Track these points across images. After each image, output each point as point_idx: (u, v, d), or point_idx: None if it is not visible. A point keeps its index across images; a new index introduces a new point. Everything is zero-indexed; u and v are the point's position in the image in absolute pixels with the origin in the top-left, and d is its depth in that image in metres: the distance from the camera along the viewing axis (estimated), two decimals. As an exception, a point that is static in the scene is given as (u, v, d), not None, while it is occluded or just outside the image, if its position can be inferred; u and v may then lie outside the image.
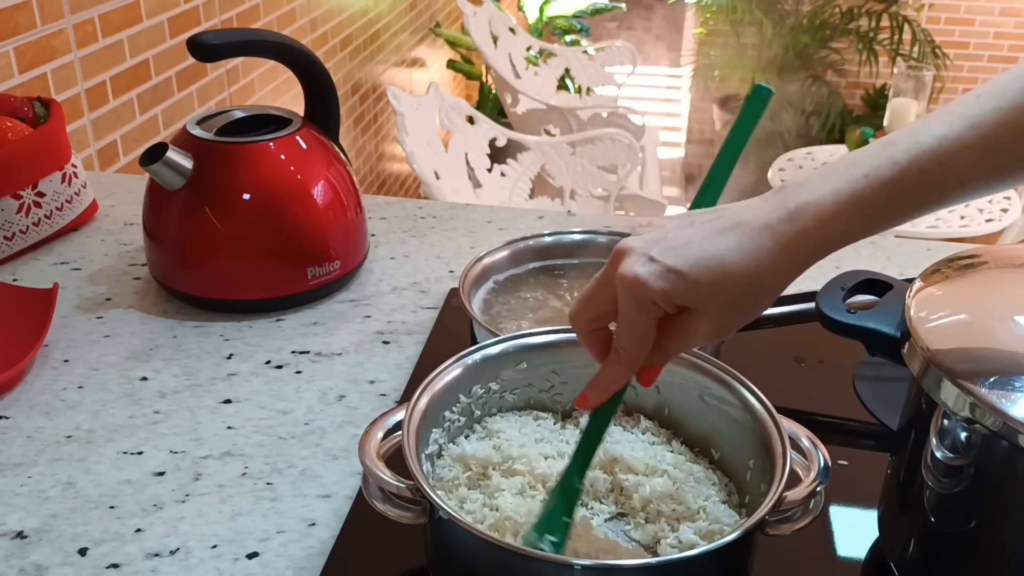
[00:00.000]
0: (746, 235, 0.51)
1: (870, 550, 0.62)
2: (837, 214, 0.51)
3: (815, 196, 0.51)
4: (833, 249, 0.52)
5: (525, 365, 0.62)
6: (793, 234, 0.51)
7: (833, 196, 0.51)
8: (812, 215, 0.51)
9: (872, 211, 0.51)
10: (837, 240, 0.51)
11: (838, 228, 0.51)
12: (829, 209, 0.51)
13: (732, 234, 0.51)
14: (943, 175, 0.50)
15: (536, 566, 0.48)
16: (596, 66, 3.61)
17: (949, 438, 0.51)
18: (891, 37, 3.79)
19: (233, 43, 0.86)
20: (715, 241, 0.51)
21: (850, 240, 0.52)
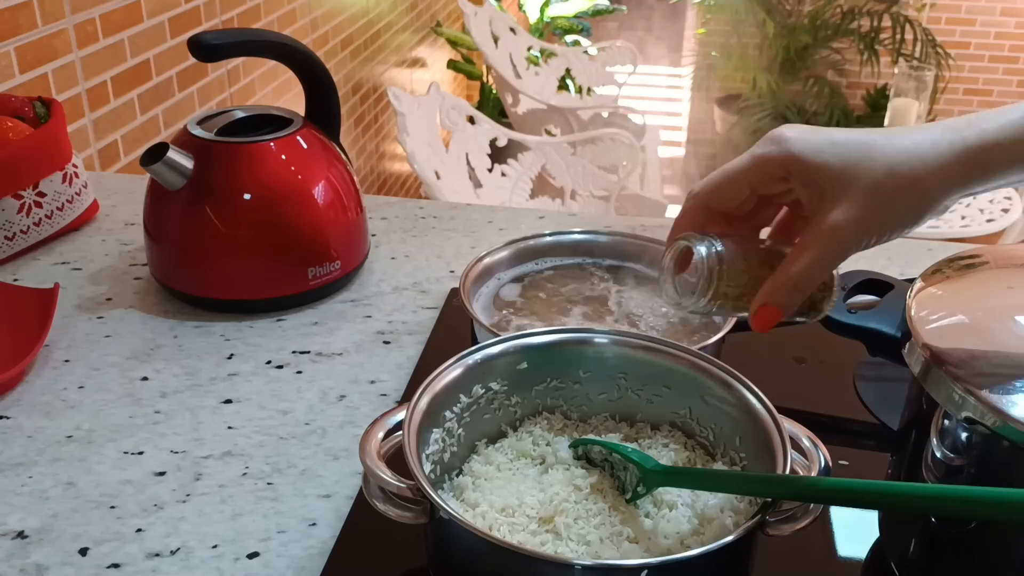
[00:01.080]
0: (919, 128, 0.48)
1: (871, 550, 0.62)
2: (1013, 123, 0.47)
3: (1002, 109, 0.48)
4: (1010, 168, 0.47)
5: (526, 365, 0.62)
6: (972, 131, 0.47)
7: (1009, 109, 0.48)
8: (995, 120, 0.48)
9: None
10: (1012, 151, 0.47)
11: (1015, 136, 0.47)
12: (1016, 115, 0.47)
13: (904, 128, 0.48)
14: None
15: (536, 566, 0.48)
16: (597, 66, 3.62)
17: (950, 438, 0.51)
18: (892, 37, 3.79)
19: (234, 43, 0.86)
20: (883, 131, 0.48)
21: (1020, 162, 0.47)
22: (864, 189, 0.47)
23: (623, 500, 0.56)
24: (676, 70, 4.90)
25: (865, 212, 0.48)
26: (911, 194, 0.48)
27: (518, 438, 0.62)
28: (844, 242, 0.49)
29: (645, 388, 0.63)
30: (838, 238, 0.48)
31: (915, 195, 0.48)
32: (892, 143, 0.48)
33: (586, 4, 4.17)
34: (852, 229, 0.48)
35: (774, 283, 0.49)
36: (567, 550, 0.52)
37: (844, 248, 0.49)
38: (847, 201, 0.47)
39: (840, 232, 0.48)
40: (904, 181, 0.47)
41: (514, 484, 0.58)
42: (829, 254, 0.49)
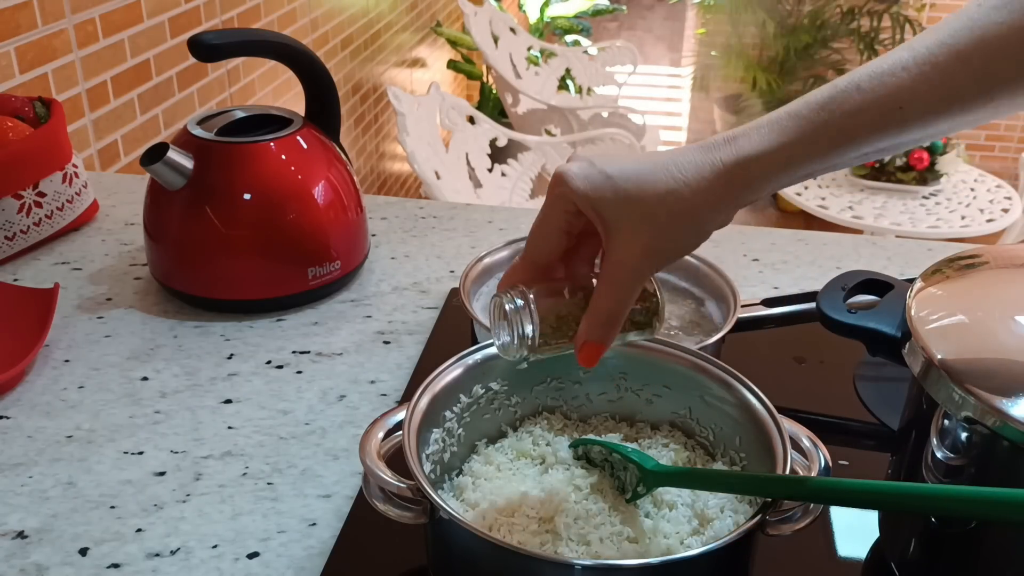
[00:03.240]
0: (681, 153, 0.51)
1: (871, 550, 0.62)
2: (774, 132, 0.50)
3: (755, 122, 0.52)
4: (768, 175, 0.51)
5: (526, 365, 0.62)
6: (726, 151, 0.51)
7: (771, 117, 0.51)
8: (748, 135, 0.51)
9: (808, 129, 0.50)
10: (771, 163, 0.50)
11: (773, 146, 0.50)
12: (766, 130, 0.51)
13: (671, 153, 0.52)
14: (881, 94, 0.50)
15: (536, 566, 0.48)
16: (597, 66, 3.62)
17: (950, 438, 0.51)
18: (892, 37, 3.79)
19: (234, 43, 0.86)
20: (654, 157, 0.52)
21: (790, 169, 0.51)
22: (640, 220, 0.50)
23: (623, 500, 0.56)
24: (676, 70, 4.90)
25: (646, 241, 0.51)
26: (684, 220, 0.51)
27: (518, 438, 0.62)
28: (633, 272, 0.51)
29: (645, 388, 0.63)
30: (627, 270, 0.51)
31: (688, 220, 0.51)
32: (661, 171, 0.51)
33: (586, 4, 4.17)
34: (637, 260, 0.51)
35: (587, 322, 0.52)
36: (567, 550, 0.52)
37: (635, 278, 0.52)
38: (627, 233, 0.51)
39: (626, 265, 0.51)
40: (675, 208, 0.50)
41: (514, 484, 0.58)
42: (624, 286, 0.52)
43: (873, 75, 0.51)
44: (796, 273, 0.97)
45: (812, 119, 0.51)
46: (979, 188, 3.07)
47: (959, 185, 3.08)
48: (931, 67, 0.50)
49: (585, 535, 0.53)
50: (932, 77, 0.50)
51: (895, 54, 0.52)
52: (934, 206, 2.98)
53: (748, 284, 0.95)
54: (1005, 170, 3.74)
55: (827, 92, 0.51)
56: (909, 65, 0.51)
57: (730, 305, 0.77)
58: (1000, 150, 4.25)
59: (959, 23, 0.51)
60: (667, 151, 0.52)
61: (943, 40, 0.51)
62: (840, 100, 0.51)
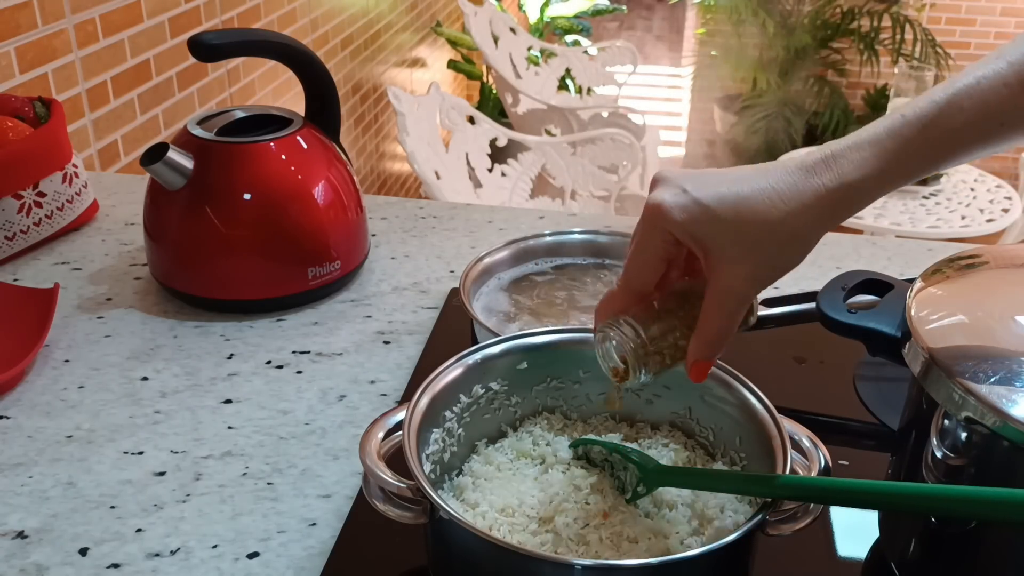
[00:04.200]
0: (779, 175, 0.51)
1: (871, 550, 0.62)
2: (876, 155, 0.50)
3: (852, 140, 0.51)
4: (871, 197, 0.51)
5: (526, 365, 0.62)
6: (828, 176, 0.50)
7: (870, 137, 0.51)
8: (848, 158, 0.50)
9: (910, 150, 0.50)
10: (875, 186, 0.50)
11: (876, 171, 0.50)
12: (867, 149, 0.50)
13: (767, 175, 0.51)
14: (982, 111, 0.50)
15: (536, 566, 0.48)
16: (597, 66, 3.62)
17: (950, 438, 0.51)
18: (892, 37, 3.79)
19: (234, 43, 0.86)
20: (749, 180, 0.51)
21: (889, 186, 0.51)
22: (745, 250, 0.51)
23: (623, 500, 0.56)
24: (676, 70, 4.90)
25: (752, 270, 0.51)
26: (791, 246, 0.52)
27: (518, 438, 0.62)
28: (740, 298, 0.52)
29: (645, 388, 0.63)
30: (734, 297, 0.52)
31: (794, 245, 0.52)
32: (762, 200, 0.50)
33: (586, 4, 4.17)
34: (743, 286, 0.52)
35: (696, 344, 0.53)
36: (567, 550, 0.52)
37: (742, 303, 0.53)
38: (732, 262, 0.51)
39: (734, 292, 0.52)
40: (782, 237, 0.51)
41: (514, 484, 0.58)
42: (732, 311, 0.52)
43: (973, 93, 0.50)
44: (796, 273, 0.96)
45: (915, 140, 0.50)
46: (979, 188, 3.07)
47: (959, 185, 3.08)
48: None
49: (585, 535, 0.53)
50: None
51: (992, 66, 0.51)
52: (934, 206, 2.98)
53: (748, 284, 0.95)
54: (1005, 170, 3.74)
55: (927, 109, 0.51)
56: (1010, 81, 0.50)
57: (730, 305, 0.77)
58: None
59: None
60: (762, 169, 0.51)
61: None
62: (943, 120, 0.50)
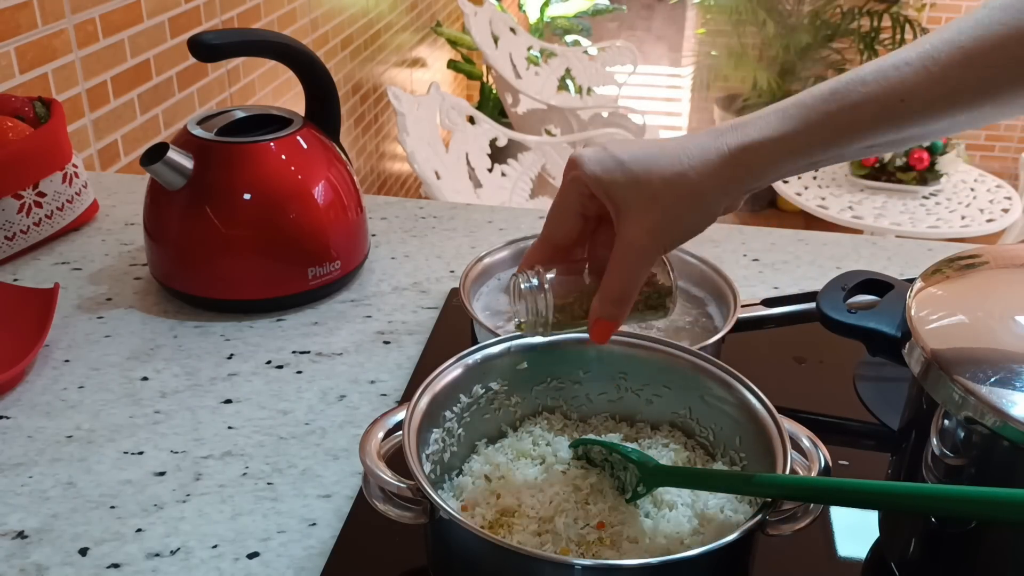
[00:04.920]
0: (691, 138, 0.54)
1: (871, 550, 0.62)
2: (778, 119, 0.53)
3: (764, 110, 0.54)
4: (776, 163, 0.53)
5: (526, 365, 0.62)
6: (732, 136, 0.53)
7: (778, 107, 0.54)
8: (754, 123, 0.53)
9: (813, 119, 0.52)
10: (776, 149, 0.53)
11: (777, 134, 0.52)
12: (773, 118, 0.53)
13: (683, 139, 0.54)
14: (883, 87, 0.52)
15: (536, 566, 0.48)
16: (597, 66, 3.62)
17: (950, 438, 0.51)
18: (892, 37, 3.79)
19: (234, 43, 0.86)
20: (666, 144, 0.54)
21: (793, 156, 0.53)
22: (648, 202, 0.53)
23: (623, 500, 0.56)
24: (676, 70, 4.90)
25: (653, 223, 0.53)
26: (691, 202, 0.53)
27: (518, 438, 0.62)
28: (641, 251, 0.54)
29: (645, 388, 0.63)
30: (635, 250, 0.53)
31: (694, 202, 0.53)
32: (670, 155, 0.53)
33: (586, 4, 4.17)
34: (645, 240, 0.53)
35: (599, 299, 0.54)
36: (567, 550, 0.52)
37: (644, 257, 0.54)
38: (636, 214, 0.53)
39: (635, 245, 0.53)
40: (682, 191, 0.53)
41: (514, 484, 0.58)
42: (633, 265, 0.54)
43: (878, 70, 0.53)
44: (796, 273, 0.97)
45: (816, 108, 0.53)
46: (979, 188, 3.07)
47: (959, 185, 3.09)
48: (933, 63, 0.52)
49: (585, 535, 0.53)
50: (934, 73, 0.51)
51: (901, 51, 0.53)
52: (934, 206, 2.98)
53: (748, 284, 0.95)
54: (1005, 170, 3.74)
55: (832, 84, 0.53)
56: (913, 61, 0.52)
57: (730, 305, 0.77)
58: (1000, 150, 4.25)
59: (966, 23, 0.52)
60: (678, 137, 0.54)
61: (948, 38, 0.52)
62: (844, 92, 0.53)
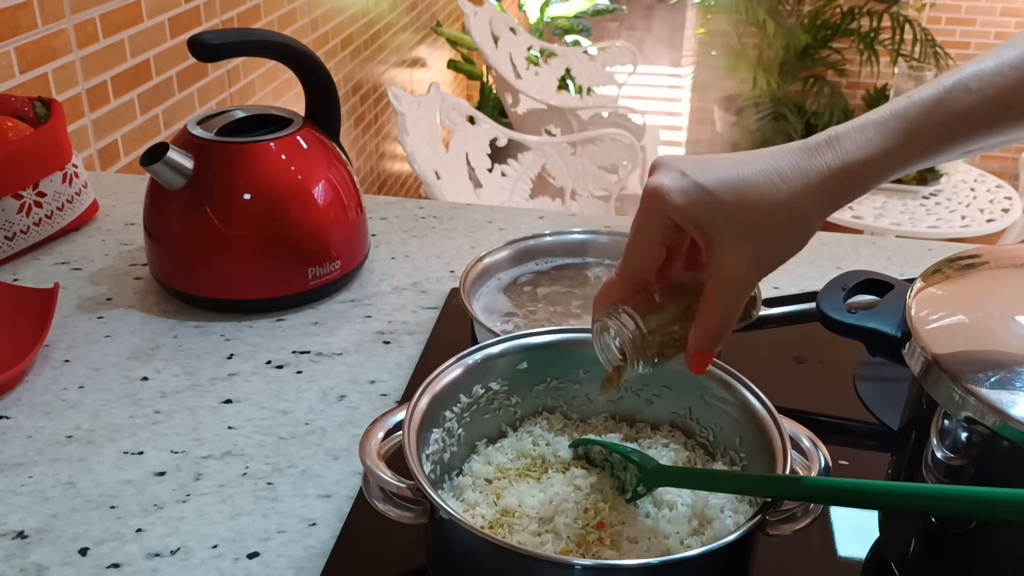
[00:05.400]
0: (781, 157, 0.50)
1: (871, 550, 0.62)
2: (880, 134, 0.49)
3: (857, 122, 0.50)
4: (875, 178, 0.50)
5: (526, 365, 0.62)
6: (831, 156, 0.49)
7: (876, 118, 0.50)
8: (852, 138, 0.50)
9: (915, 131, 0.49)
10: (879, 166, 0.49)
11: (881, 150, 0.49)
12: (872, 132, 0.50)
13: (768, 157, 0.50)
14: (988, 94, 0.50)
15: (536, 566, 0.48)
16: (597, 66, 3.62)
17: (950, 438, 0.51)
18: (892, 37, 3.79)
19: (234, 43, 0.86)
20: (750, 163, 0.50)
21: (895, 170, 0.50)
22: (746, 234, 0.50)
23: (623, 500, 0.56)
24: (676, 70, 4.90)
25: (754, 255, 0.50)
26: (793, 229, 0.50)
27: (518, 438, 0.62)
28: (742, 285, 0.51)
29: (645, 388, 0.63)
30: (735, 284, 0.51)
31: (796, 229, 0.50)
32: (763, 181, 0.49)
33: (586, 4, 4.17)
34: (745, 273, 0.51)
35: (697, 334, 0.52)
36: (567, 550, 0.52)
37: (744, 291, 0.52)
38: (733, 246, 0.50)
39: (735, 279, 0.51)
40: (783, 220, 0.50)
41: (514, 484, 0.58)
42: (734, 299, 0.52)
43: (981, 75, 0.50)
44: (796, 273, 0.97)
45: (919, 121, 0.50)
46: (979, 188, 3.07)
47: (959, 185, 3.08)
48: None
49: (585, 535, 0.53)
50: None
51: (1000, 54, 0.50)
52: (934, 206, 2.98)
53: (748, 284, 0.95)
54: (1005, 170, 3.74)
55: (934, 92, 0.50)
56: (1017, 64, 0.50)
57: (730, 305, 0.77)
58: (1000, 150, 4.26)
59: None
60: (763, 152, 0.51)
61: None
62: (948, 101, 0.50)
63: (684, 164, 0.51)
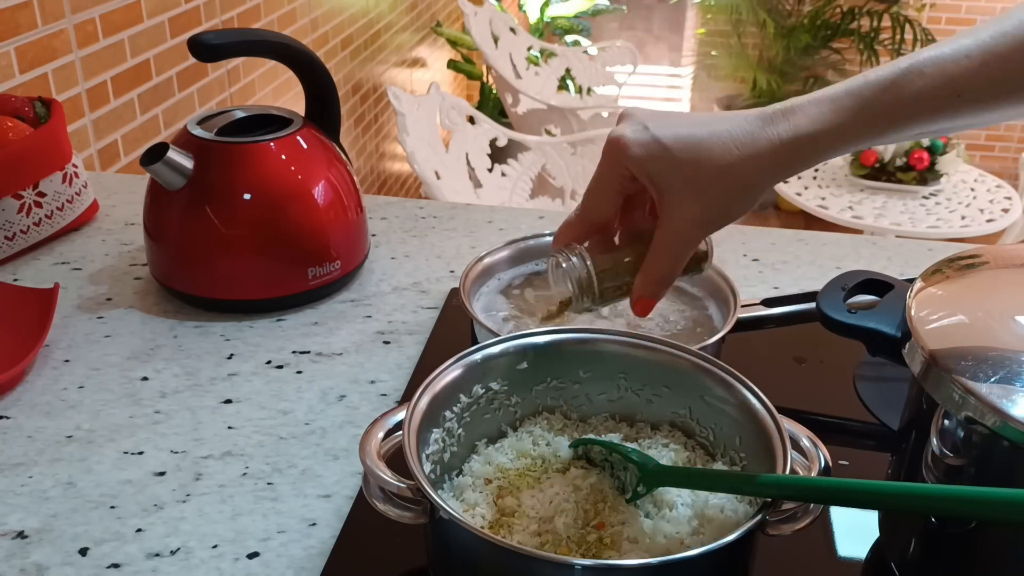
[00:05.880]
0: (738, 122, 0.52)
1: (871, 550, 0.62)
2: (832, 110, 0.51)
3: (813, 96, 0.52)
4: (823, 152, 0.52)
5: (526, 365, 0.62)
6: (784, 126, 0.52)
7: (830, 94, 0.52)
8: (805, 111, 0.52)
9: (867, 109, 0.51)
10: (828, 141, 0.52)
11: (831, 125, 0.51)
12: (826, 107, 0.52)
13: (726, 120, 0.53)
14: (940, 79, 0.51)
15: (536, 566, 0.48)
16: (597, 66, 3.62)
17: (950, 438, 0.51)
18: (892, 37, 3.80)
19: (234, 43, 0.86)
20: (708, 124, 0.53)
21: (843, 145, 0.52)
22: (695, 192, 0.52)
23: (623, 500, 0.56)
24: (676, 70, 4.90)
25: (700, 212, 0.53)
26: (738, 192, 0.53)
27: (518, 438, 0.62)
28: (686, 240, 0.55)
29: (645, 388, 0.63)
30: (680, 238, 0.54)
31: (741, 192, 0.53)
32: (717, 143, 0.52)
33: (586, 4, 4.17)
34: (690, 228, 0.54)
35: (642, 281, 0.56)
36: (567, 550, 0.52)
37: (687, 245, 0.55)
38: (682, 203, 0.53)
39: (681, 233, 0.54)
40: (731, 182, 0.52)
41: (515, 484, 0.58)
42: (677, 252, 0.55)
43: (935, 61, 0.51)
44: (796, 273, 0.97)
45: (871, 99, 0.52)
46: (979, 188, 3.07)
47: (959, 185, 3.09)
48: (993, 56, 0.51)
49: (585, 535, 0.53)
50: (993, 66, 0.51)
51: (958, 41, 0.52)
52: (934, 206, 2.98)
53: (748, 284, 0.95)
54: (1005, 170, 3.74)
55: (888, 73, 0.52)
56: (972, 53, 0.51)
57: (730, 305, 0.77)
58: (1000, 150, 4.25)
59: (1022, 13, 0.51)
60: (723, 115, 0.53)
61: (1006, 30, 0.51)
62: (901, 83, 0.51)
63: (648, 118, 0.53)
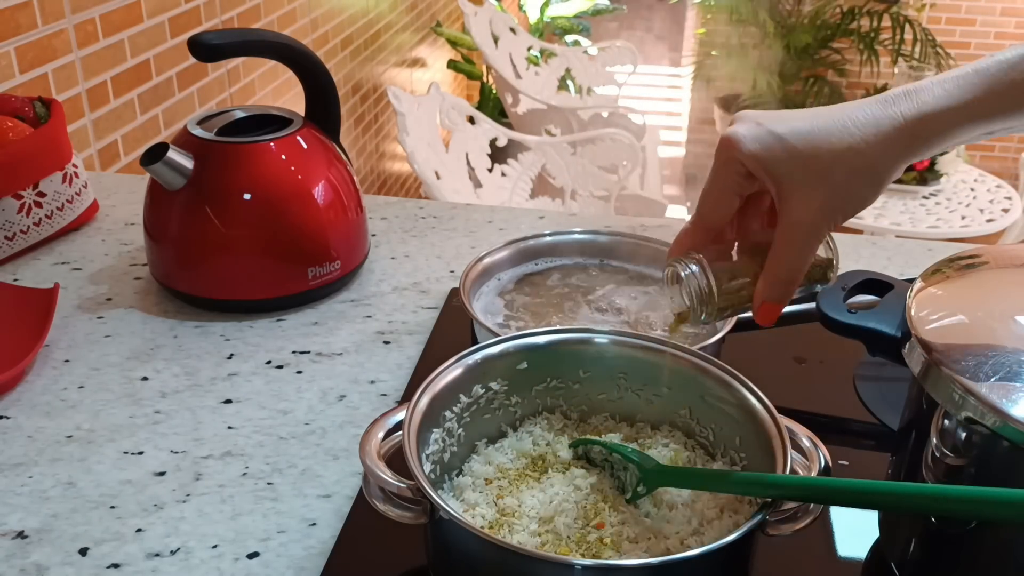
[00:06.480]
0: (857, 107, 0.50)
1: (870, 550, 0.62)
2: (959, 87, 0.49)
3: (936, 77, 0.50)
4: (950, 131, 0.50)
5: (526, 365, 0.62)
6: (907, 105, 0.49)
7: (957, 73, 0.50)
8: (930, 90, 0.50)
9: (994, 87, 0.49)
10: (955, 119, 0.49)
11: (959, 102, 0.49)
12: (951, 85, 0.50)
13: (845, 108, 0.50)
14: None
15: (536, 566, 0.48)
16: (597, 66, 3.62)
17: (950, 438, 0.51)
18: (892, 37, 3.79)
19: (234, 43, 0.86)
20: (825, 114, 0.50)
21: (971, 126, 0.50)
22: (816, 179, 0.50)
23: (623, 500, 0.56)
24: (676, 70, 4.90)
25: (824, 200, 0.50)
26: (862, 176, 0.50)
27: (518, 438, 0.62)
28: (811, 232, 0.51)
29: (645, 388, 0.63)
30: (804, 230, 0.51)
31: (867, 176, 0.50)
32: (836, 128, 0.50)
33: (586, 4, 4.17)
34: (814, 219, 0.51)
35: (765, 283, 0.52)
36: (567, 550, 0.52)
37: (813, 237, 0.52)
38: (803, 192, 0.50)
39: (804, 225, 0.51)
40: (854, 165, 0.50)
41: (515, 484, 0.58)
42: (802, 246, 0.51)
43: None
44: (796, 273, 0.97)
45: (1000, 77, 0.50)
46: (979, 188, 3.07)
47: (959, 185, 3.08)
48: None
49: (585, 535, 0.53)
50: None
51: None
52: (934, 206, 2.98)
53: (748, 284, 0.95)
54: (1005, 170, 3.74)
55: (1017, 52, 0.50)
56: None
57: (730, 305, 0.77)
58: (1000, 150, 4.25)
59: None
60: (840, 105, 0.51)
61: None
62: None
63: (760, 115, 0.51)
